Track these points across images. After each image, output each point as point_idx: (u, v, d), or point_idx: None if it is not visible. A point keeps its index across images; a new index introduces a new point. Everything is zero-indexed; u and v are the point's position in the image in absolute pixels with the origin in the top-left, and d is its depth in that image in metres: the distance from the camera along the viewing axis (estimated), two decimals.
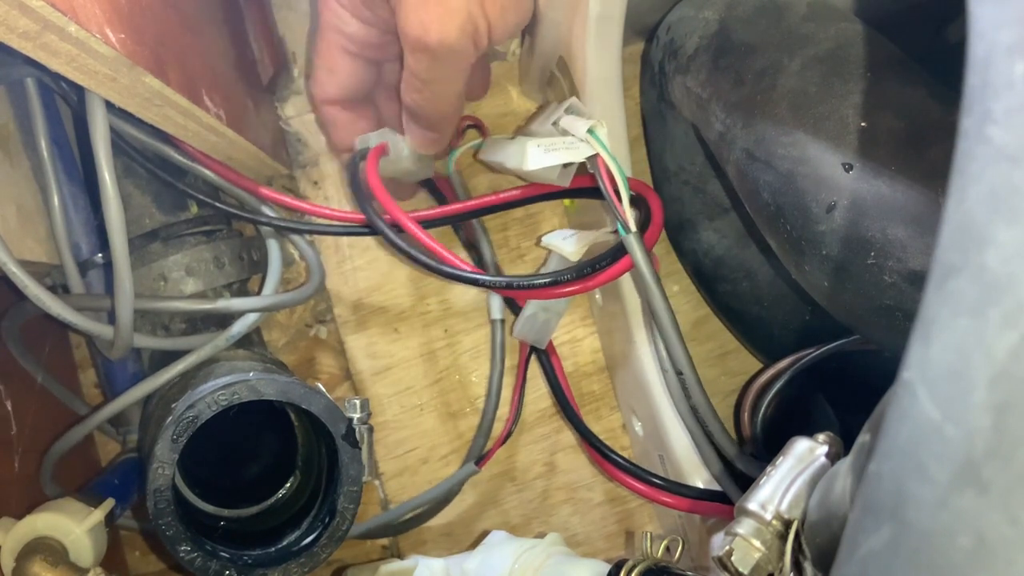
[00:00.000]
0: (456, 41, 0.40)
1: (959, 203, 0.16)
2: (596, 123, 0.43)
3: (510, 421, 0.55)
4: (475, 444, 0.56)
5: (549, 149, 0.44)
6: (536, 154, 0.44)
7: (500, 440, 0.54)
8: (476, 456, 0.55)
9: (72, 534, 0.41)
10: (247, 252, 0.52)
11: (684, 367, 0.45)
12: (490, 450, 0.54)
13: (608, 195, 0.42)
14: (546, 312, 0.52)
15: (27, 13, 0.26)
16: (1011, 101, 0.15)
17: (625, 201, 0.42)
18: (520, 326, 0.53)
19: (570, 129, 0.44)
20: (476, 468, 0.54)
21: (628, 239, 0.42)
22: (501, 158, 0.48)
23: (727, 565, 0.28)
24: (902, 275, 0.33)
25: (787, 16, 0.40)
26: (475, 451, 0.56)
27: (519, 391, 0.56)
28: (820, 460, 0.29)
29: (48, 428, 0.51)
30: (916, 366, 0.16)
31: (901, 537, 0.16)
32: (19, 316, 0.48)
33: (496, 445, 0.54)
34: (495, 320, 0.56)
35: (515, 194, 0.49)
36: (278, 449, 0.51)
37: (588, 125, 0.43)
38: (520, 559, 0.45)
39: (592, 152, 0.43)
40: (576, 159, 0.44)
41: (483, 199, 0.50)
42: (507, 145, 0.48)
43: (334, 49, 0.46)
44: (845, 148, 0.35)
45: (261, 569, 0.41)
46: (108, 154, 0.39)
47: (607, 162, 0.42)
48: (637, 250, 0.42)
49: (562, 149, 0.44)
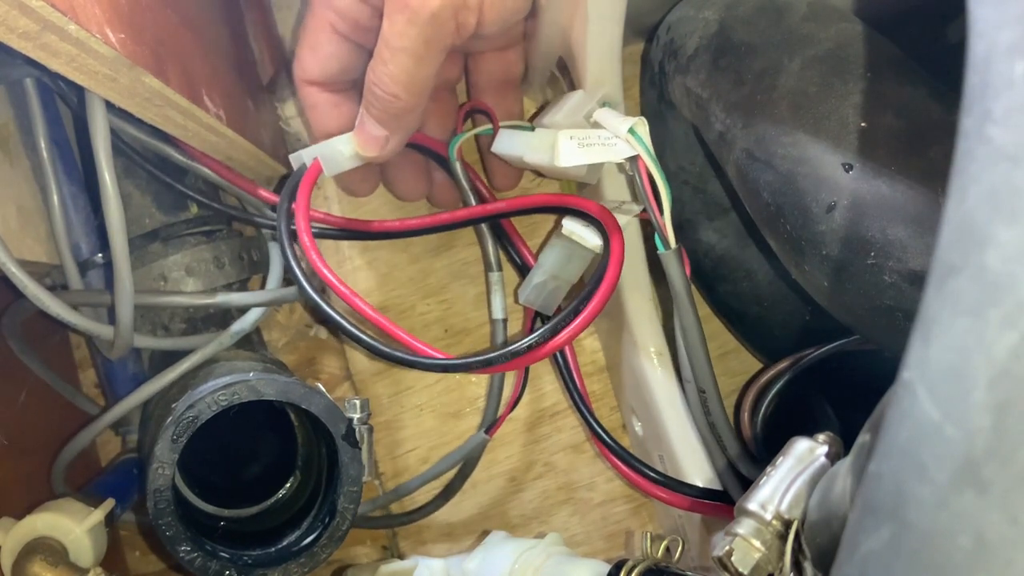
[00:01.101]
0: (439, 7, 0.38)
1: (959, 203, 0.16)
2: (639, 121, 0.39)
3: (518, 387, 0.54)
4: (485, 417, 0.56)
5: (584, 144, 0.40)
6: (569, 149, 0.40)
7: (509, 406, 0.53)
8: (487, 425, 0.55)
9: (72, 534, 0.41)
10: (247, 252, 0.52)
11: (708, 386, 0.43)
12: (501, 416, 0.53)
13: (648, 203, 0.40)
14: (556, 280, 0.49)
15: (27, 13, 0.26)
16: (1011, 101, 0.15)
17: (667, 212, 0.40)
18: (527, 293, 0.49)
19: (606, 124, 0.40)
20: (487, 436, 0.54)
21: (666, 256, 0.40)
22: (520, 151, 0.45)
23: (727, 565, 0.28)
24: (902, 275, 0.33)
25: (787, 16, 0.40)
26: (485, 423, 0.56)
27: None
28: (820, 460, 0.29)
29: (48, 427, 0.51)
30: (916, 366, 0.16)
31: (901, 537, 0.16)
32: (20, 313, 0.48)
33: (506, 411, 0.53)
34: (496, 320, 0.56)
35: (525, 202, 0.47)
36: (278, 449, 0.51)
37: (630, 123, 0.39)
38: (520, 559, 0.45)
39: (632, 153, 0.39)
40: (614, 159, 0.40)
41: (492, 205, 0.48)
42: (528, 137, 0.44)
43: (322, 26, 0.44)
44: (845, 148, 0.35)
45: (261, 569, 0.41)
46: (108, 154, 0.39)
47: (650, 167, 0.39)
48: (675, 269, 0.40)
49: (598, 145, 0.40)
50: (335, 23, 0.44)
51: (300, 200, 0.43)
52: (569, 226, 0.47)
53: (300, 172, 0.45)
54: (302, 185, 0.44)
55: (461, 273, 0.58)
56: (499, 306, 0.55)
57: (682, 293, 0.41)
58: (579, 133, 0.41)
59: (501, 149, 0.48)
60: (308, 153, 0.46)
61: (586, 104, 0.43)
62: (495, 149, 0.49)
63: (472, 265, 0.58)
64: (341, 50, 0.45)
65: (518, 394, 0.54)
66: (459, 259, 0.58)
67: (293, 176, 0.46)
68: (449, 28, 0.39)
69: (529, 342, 0.41)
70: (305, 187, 0.44)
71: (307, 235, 0.42)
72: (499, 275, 0.54)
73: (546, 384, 0.58)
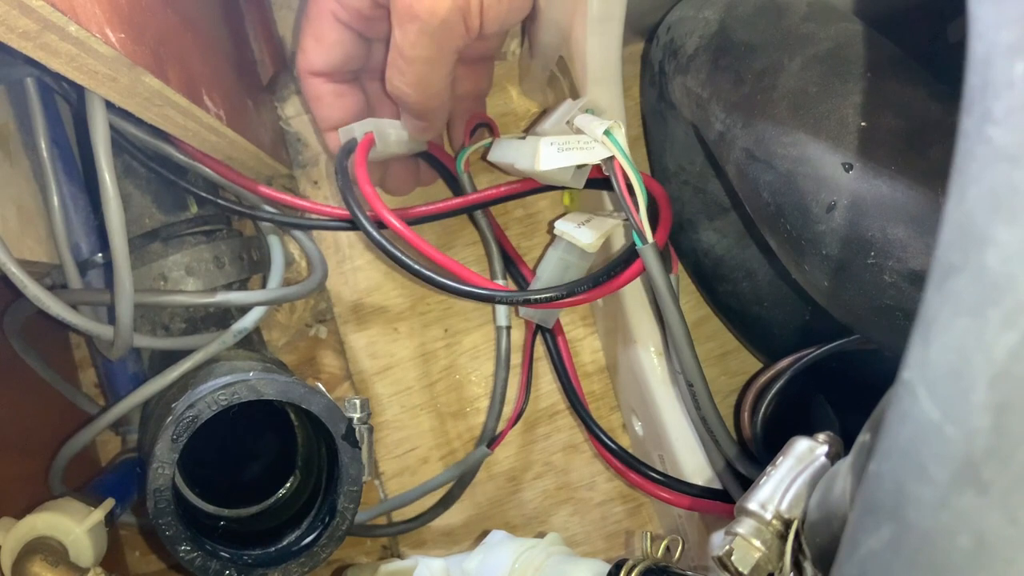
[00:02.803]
0: (447, 13, 0.39)
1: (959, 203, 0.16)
2: (614, 124, 0.41)
3: (520, 400, 0.54)
4: (486, 428, 0.56)
5: (563, 148, 0.42)
6: (549, 153, 0.42)
7: (511, 422, 0.54)
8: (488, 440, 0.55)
9: (72, 534, 0.41)
10: (247, 252, 0.52)
11: (695, 379, 0.44)
12: (502, 431, 0.54)
13: (624, 201, 0.41)
14: None
15: (27, 13, 0.26)
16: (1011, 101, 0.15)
17: (642, 209, 0.41)
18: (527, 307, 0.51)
19: (585, 129, 0.42)
20: (488, 450, 0.54)
21: (644, 250, 0.41)
22: (511, 159, 0.47)
23: (727, 565, 0.28)
24: (902, 275, 0.33)
25: (787, 16, 0.40)
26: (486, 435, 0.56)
27: (527, 371, 0.55)
28: (820, 460, 0.29)
29: (48, 427, 0.51)
30: (916, 366, 0.16)
31: (901, 537, 0.16)
32: (20, 313, 0.48)
33: (508, 426, 0.54)
34: (501, 327, 0.56)
35: (515, 187, 0.48)
36: (278, 449, 0.51)
37: (605, 126, 0.41)
38: (520, 559, 0.45)
39: (608, 154, 0.41)
40: (591, 160, 0.42)
41: (482, 193, 0.49)
42: (518, 145, 0.46)
43: (325, 16, 0.44)
44: (845, 148, 0.35)
45: (261, 569, 0.41)
46: (108, 154, 0.39)
47: (624, 166, 0.41)
48: (653, 262, 0.41)
49: (576, 149, 0.42)
50: (337, 13, 0.44)
51: (359, 157, 0.45)
52: (561, 227, 0.48)
53: (353, 141, 0.47)
54: (360, 147, 0.46)
55: None
56: (503, 314, 0.55)
57: (662, 286, 0.42)
58: (560, 139, 0.42)
59: (496, 158, 0.50)
60: (360, 127, 0.47)
61: (570, 112, 0.45)
62: (491, 158, 0.50)
63: (472, 265, 0.58)
64: (344, 40, 0.45)
65: (520, 408, 0.54)
66: (459, 259, 0.58)
67: (347, 143, 0.47)
68: (459, 31, 0.40)
69: (596, 277, 0.43)
70: (363, 149, 0.46)
71: (368, 185, 0.44)
72: (503, 284, 0.54)
73: (545, 384, 0.58)
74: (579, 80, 0.47)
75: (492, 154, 0.50)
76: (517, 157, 0.46)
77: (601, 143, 0.41)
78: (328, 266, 0.54)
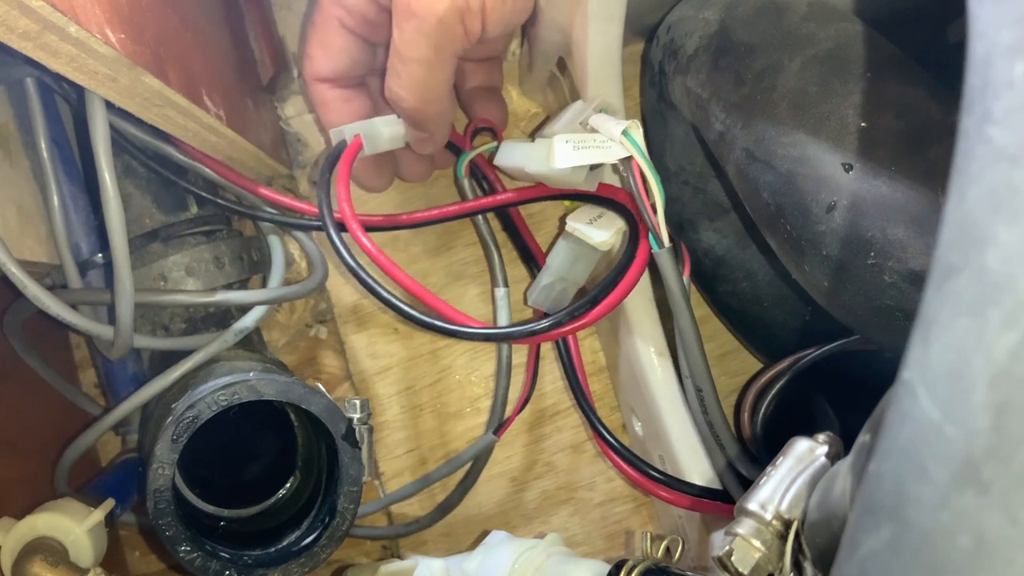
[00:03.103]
0: (445, 12, 0.38)
1: (959, 203, 0.16)
2: (632, 124, 0.40)
3: (527, 387, 0.54)
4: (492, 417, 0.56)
5: (579, 147, 0.41)
6: (565, 151, 0.41)
7: (517, 407, 0.54)
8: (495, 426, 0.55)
9: (72, 534, 0.41)
10: (247, 252, 0.52)
11: (704, 384, 0.44)
12: (509, 417, 0.54)
13: (642, 203, 0.41)
14: (563, 281, 0.49)
15: (27, 13, 0.26)
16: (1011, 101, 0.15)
17: (660, 212, 0.41)
18: (536, 295, 0.50)
19: (601, 128, 0.42)
20: (495, 437, 0.54)
21: (660, 254, 0.41)
22: (520, 162, 0.46)
23: (727, 565, 0.28)
24: (902, 275, 0.33)
25: (787, 16, 0.40)
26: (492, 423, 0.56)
27: (533, 361, 0.55)
28: (820, 460, 0.29)
29: (48, 428, 0.51)
30: (916, 366, 0.16)
31: (901, 537, 0.16)
32: (20, 313, 0.48)
33: (514, 412, 0.54)
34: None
35: (510, 196, 0.48)
36: (278, 449, 0.51)
37: (623, 126, 0.40)
38: (520, 559, 0.45)
39: (625, 154, 0.41)
40: (607, 160, 0.41)
41: (479, 201, 0.49)
42: (528, 147, 0.46)
43: (330, 23, 0.45)
44: (845, 148, 0.35)
45: (261, 569, 0.41)
46: (108, 154, 0.39)
47: (642, 167, 0.40)
48: (669, 268, 0.41)
49: (592, 148, 0.41)
50: (343, 19, 0.44)
51: (341, 172, 0.44)
52: (573, 224, 0.47)
53: (341, 147, 0.46)
54: (343, 158, 0.45)
55: (461, 273, 0.58)
56: (504, 320, 0.55)
57: (676, 292, 0.42)
58: (575, 137, 0.42)
59: (503, 161, 0.49)
60: (350, 129, 0.46)
61: (584, 112, 0.44)
62: (497, 162, 0.50)
63: (472, 265, 0.58)
64: (350, 46, 0.46)
65: (527, 393, 0.54)
66: (459, 259, 0.58)
67: (333, 150, 0.46)
68: (457, 33, 0.40)
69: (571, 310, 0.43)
70: (346, 160, 0.44)
71: (347, 204, 0.43)
72: (505, 291, 0.55)
73: (547, 384, 0.58)
74: (579, 80, 0.47)
75: (499, 157, 0.49)
76: (527, 159, 0.45)
77: (619, 143, 0.41)
78: (328, 266, 0.54)
